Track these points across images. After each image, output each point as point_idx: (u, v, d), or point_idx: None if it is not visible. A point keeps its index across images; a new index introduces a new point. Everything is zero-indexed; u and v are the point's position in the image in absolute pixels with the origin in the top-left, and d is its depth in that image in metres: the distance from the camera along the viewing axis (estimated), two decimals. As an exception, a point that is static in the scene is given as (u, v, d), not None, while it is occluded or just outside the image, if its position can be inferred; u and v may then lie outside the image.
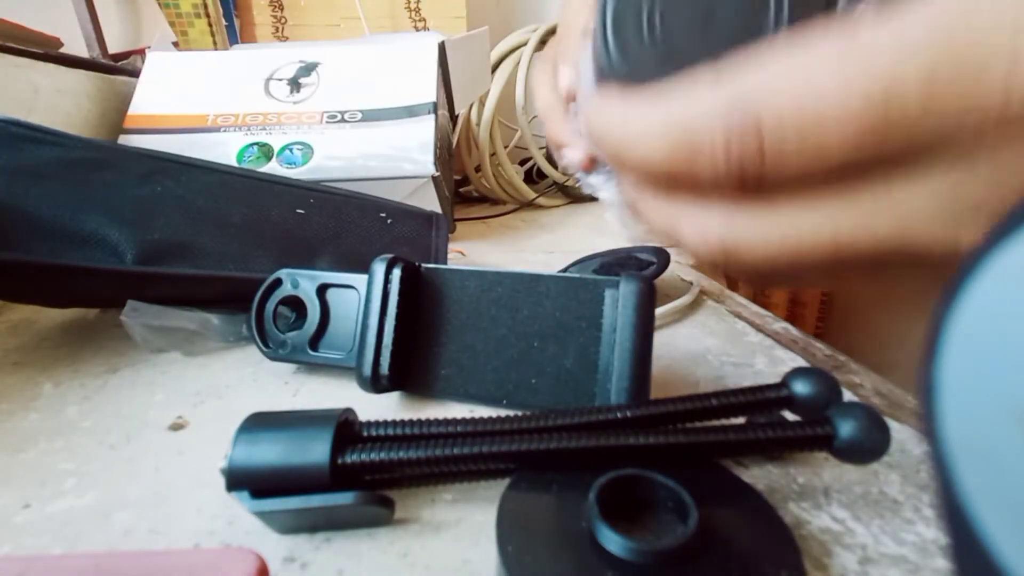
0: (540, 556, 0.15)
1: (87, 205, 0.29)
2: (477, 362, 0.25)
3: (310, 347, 0.27)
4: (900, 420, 0.25)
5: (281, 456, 0.18)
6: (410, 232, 0.38)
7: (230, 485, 0.18)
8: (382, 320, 0.25)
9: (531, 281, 0.25)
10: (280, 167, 0.47)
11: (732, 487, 0.18)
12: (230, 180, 0.34)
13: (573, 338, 0.24)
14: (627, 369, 0.22)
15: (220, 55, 0.57)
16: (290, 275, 0.28)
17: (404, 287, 0.25)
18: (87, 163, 0.30)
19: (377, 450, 0.18)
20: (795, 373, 0.20)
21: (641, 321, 0.22)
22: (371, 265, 0.26)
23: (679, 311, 0.36)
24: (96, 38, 0.67)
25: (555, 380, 0.24)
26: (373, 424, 0.20)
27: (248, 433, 0.18)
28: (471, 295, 0.26)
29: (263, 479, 0.18)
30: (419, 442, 0.19)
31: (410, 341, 0.26)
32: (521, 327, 0.25)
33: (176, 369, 0.30)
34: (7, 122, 0.29)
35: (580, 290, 0.24)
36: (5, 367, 0.30)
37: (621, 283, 0.22)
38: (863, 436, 0.18)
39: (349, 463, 0.18)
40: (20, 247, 0.26)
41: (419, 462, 0.18)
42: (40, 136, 0.30)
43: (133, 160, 0.32)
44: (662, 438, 0.18)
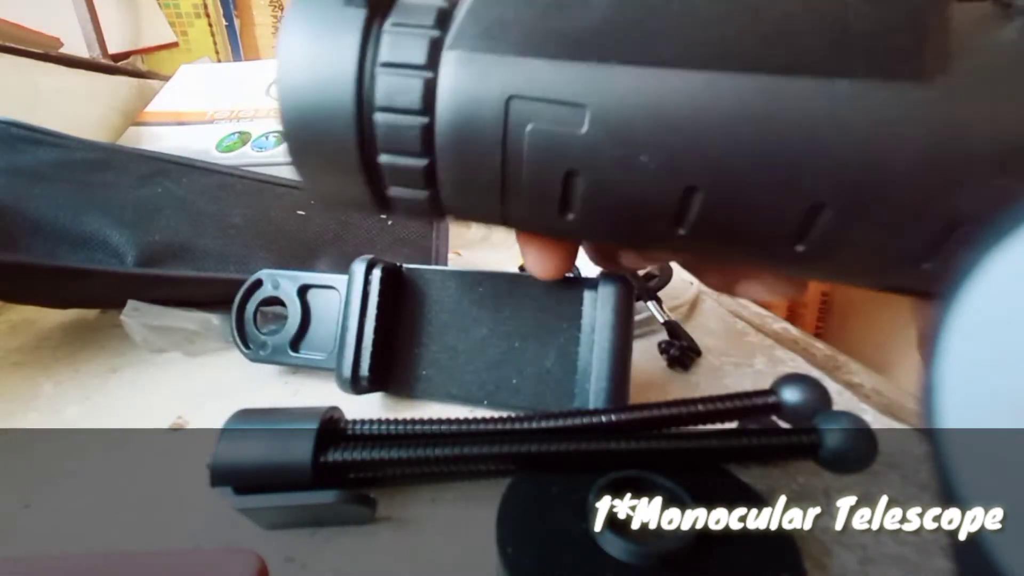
0: (541, 558, 0.15)
1: (88, 206, 0.29)
2: (458, 363, 0.25)
3: (291, 348, 0.27)
4: (900, 420, 0.25)
5: (264, 453, 0.18)
6: (411, 233, 0.38)
7: (214, 481, 0.18)
8: (362, 321, 0.25)
9: (512, 281, 0.25)
10: (251, 150, 0.49)
11: (732, 488, 0.18)
12: (231, 181, 0.34)
13: (554, 339, 0.23)
14: (605, 370, 0.22)
15: (241, 65, 0.63)
16: (271, 276, 0.28)
17: (384, 288, 0.25)
18: (88, 164, 0.30)
19: (360, 449, 0.18)
20: (784, 380, 0.20)
21: (619, 321, 0.22)
22: (351, 266, 0.26)
23: (679, 311, 0.36)
24: (96, 38, 0.68)
25: (536, 381, 0.24)
26: (359, 422, 0.20)
27: (233, 430, 0.18)
28: (452, 295, 0.25)
29: (246, 476, 0.18)
30: (404, 441, 0.19)
31: (391, 342, 0.26)
32: (502, 327, 0.24)
33: (176, 369, 0.30)
34: (8, 123, 0.30)
35: (561, 290, 0.24)
36: (5, 367, 0.30)
37: (600, 283, 0.22)
38: (848, 446, 0.18)
39: (331, 461, 0.18)
40: (21, 248, 0.26)
41: (402, 462, 0.18)
42: (41, 137, 0.30)
43: (134, 161, 0.32)
44: (644, 443, 0.19)
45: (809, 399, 0.19)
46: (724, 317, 0.37)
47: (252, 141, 0.49)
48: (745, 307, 0.38)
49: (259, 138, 0.50)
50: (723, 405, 0.19)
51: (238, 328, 0.28)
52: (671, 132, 0.13)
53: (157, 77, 0.65)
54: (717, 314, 0.37)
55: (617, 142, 0.13)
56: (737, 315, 0.37)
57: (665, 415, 0.19)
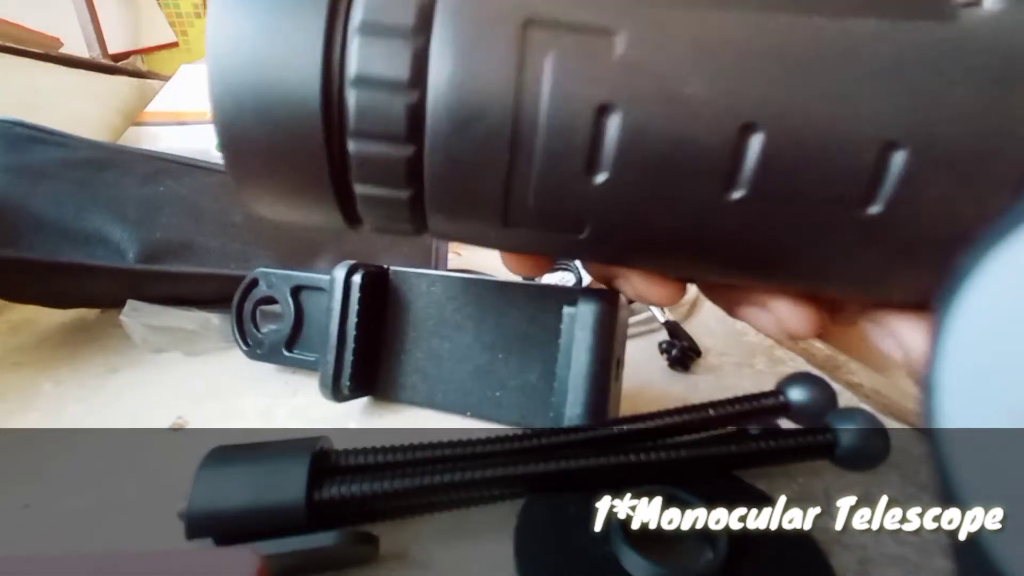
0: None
1: (90, 204, 0.29)
2: (442, 370, 0.24)
3: (285, 348, 0.27)
4: (900, 420, 0.25)
5: (250, 496, 0.16)
6: (410, 232, 0.38)
7: (191, 533, 0.16)
8: (343, 327, 0.24)
9: (497, 289, 0.24)
10: None
11: (748, 494, 0.18)
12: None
13: (537, 352, 0.23)
14: (581, 394, 0.20)
15: None
16: (266, 275, 0.28)
17: (366, 293, 0.24)
18: (91, 163, 0.30)
19: (358, 483, 0.17)
20: (789, 380, 0.19)
21: (597, 343, 0.20)
22: (332, 271, 0.25)
23: (679, 311, 0.36)
24: (96, 38, 0.68)
25: (519, 395, 0.23)
26: (353, 452, 0.18)
27: (211, 471, 0.16)
28: (437, 301, 0.25)
29: (229, 523, 0.16)
30: (404, 469, 0.17)
31: (376, 346, 0.25)
32: (487, 337, 0.24)
33: (176, 369, 0.30)
34: (11, 123, 0.30)
35: (544, 301, 0.23)
36: (5, 367, 0.30)
37: (580, 301, 0.21)
38: (864, 443, 0.17)
39: (327, 499, 0.16)
40: (23, 246, 0.26)
41: (407, 492, 0.17)
42: (44, 136, 0.30)
43: (137, 161, 0.32)
44: (664, 454, 0.18)
45: (817, 398, 0.19)
46: (724, 317, 0.37)
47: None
48: (745, 307, 0.38)
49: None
50: (732, 409, 0.19)
51: (238, 325, 0.28)
52: (723, 57, 0.11)
53: (157, 77, 0.65)
54: (717, 314, 0.37)
55: (658, 68, 0.11)
56: (737, 315, 0.37)
57: (676, 423, 0.19)
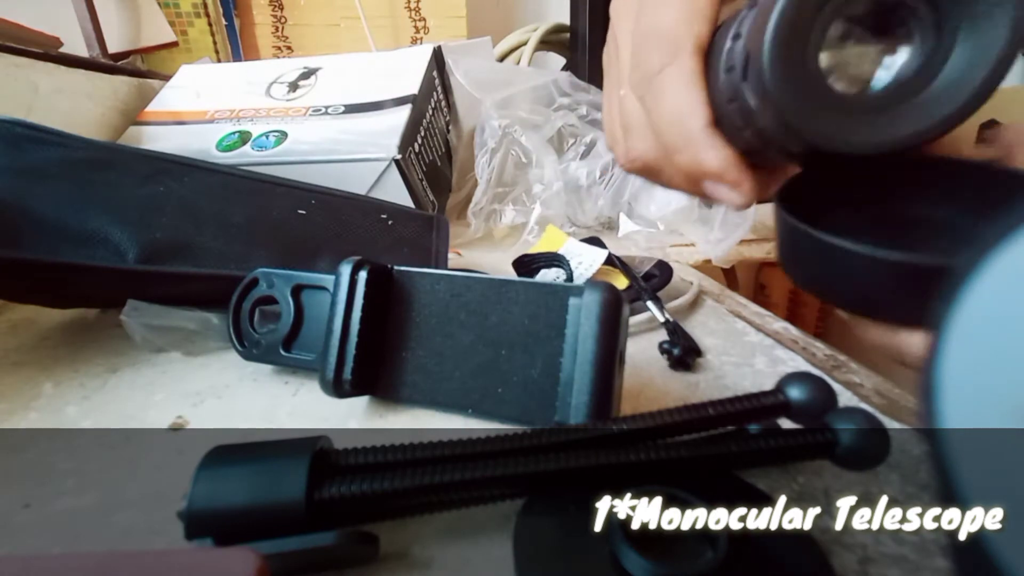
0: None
1: (90, 205, 0.29)
2: (444, 369, 0.24)
3: (283, 348, 0.27)
4: (900, 420, 0.25)
5: (250, 495, 0.16)
6: (411, 233, 0.38)
7: (190, 532, 0.16)
8: (347, 323, 0.24)
9: (500, 287, 0.24)
10: (251, 150, 0.49)
11: (747, 493, 0.18)
12: (232, 181, 0.34)
13: (540, 347, 0.23)
14: (587, 382, 0.21)
15: (241, 65, 0.64)
16: (266, 275, 0.28)
17: (371, 290, 0.25)
18: (91, 163, 0.30)
19: (359, 482, 0.17)
20: (789, 379, 0.19)
21: (604, 332, 0.21)
22: (339, 267, 0.25)
23: (679, 311, 0.36)
24: (96, 38, 0.67)
25: (521, 390, 0.23)
26: (353, 452, 0.18)
27: (210, 471, 0.16)
28: (441, 299, 0.25)
29: (229, 522, 0.16)
30: (404, 469, 0.17)
31: (378, 344, 0.25)
32: (490, 334, 0.24)
33: (176, 369, 0.30)
34: (11, 123, 0.30)
35: (547, 297, 0.23)
36: (5, 367, 0.30)
37: (585, 291, 0.21)
38: (864, 443, 0.17)
39: (327, 498, 0.16)
40: (23, 246, 0.26)
41: (407, 492, 0.17)
42: (44, 136, 0.30)
43: (137, 161, 0.32)
44: (664, 453, 0.18)
45: (817, 398, 0.19)
46: (724, 317, 0.37)
47: (252, 141, 0.50)
48: (745, 307, 0.38)
49: (259, 138, 0.50)
50: (733, 408, 0.19)
51: (234, 326, 0.28)
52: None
53: (157, 77, 0.65)
54: (717, 314, 0.37)
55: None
56: (737, 315, 0.37)
57: (676, 422, 0.19)
